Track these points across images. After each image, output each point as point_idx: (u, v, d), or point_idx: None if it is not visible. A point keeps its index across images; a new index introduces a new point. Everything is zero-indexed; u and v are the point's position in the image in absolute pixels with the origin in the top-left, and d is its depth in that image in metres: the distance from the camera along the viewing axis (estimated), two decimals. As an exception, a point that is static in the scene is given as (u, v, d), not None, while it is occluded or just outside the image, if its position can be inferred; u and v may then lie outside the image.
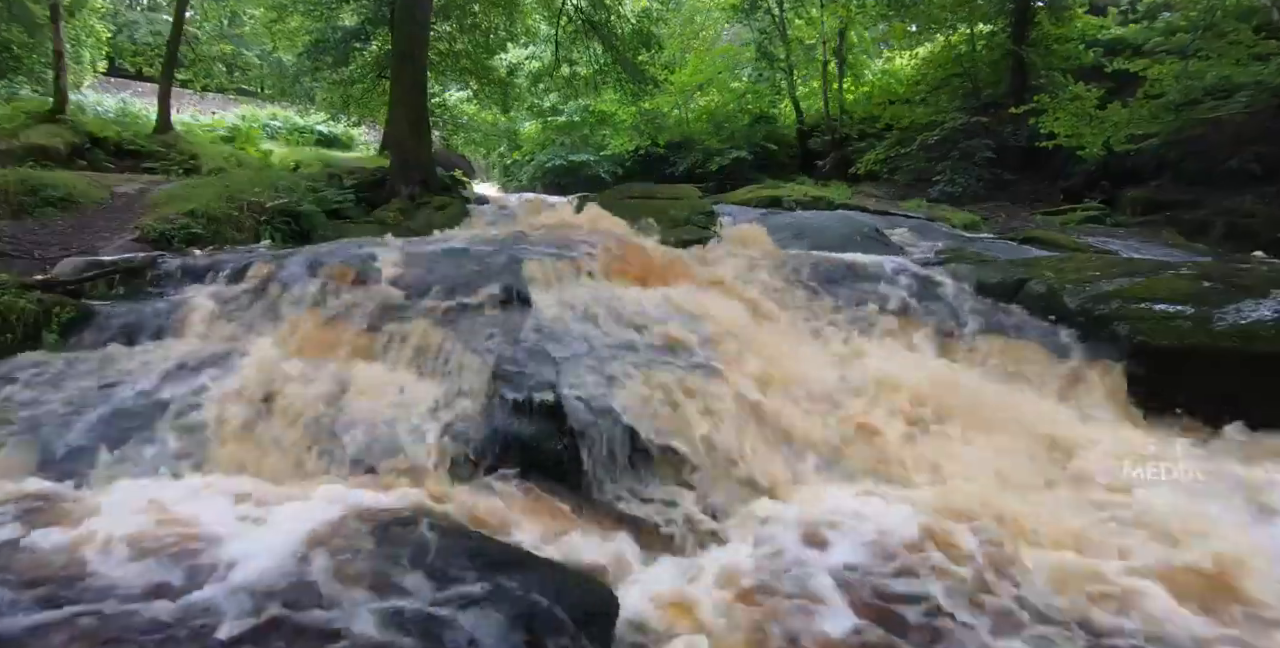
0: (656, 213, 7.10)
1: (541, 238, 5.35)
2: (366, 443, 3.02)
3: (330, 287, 4.34)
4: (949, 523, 2.49)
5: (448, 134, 18.26)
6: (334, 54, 14.54)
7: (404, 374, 3.54)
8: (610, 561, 2.42)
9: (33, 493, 2.47)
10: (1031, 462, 3.19)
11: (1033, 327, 4.35)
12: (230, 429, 3.06)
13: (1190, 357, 3.64)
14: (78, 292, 4.32)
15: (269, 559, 1.96)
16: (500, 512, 2.64)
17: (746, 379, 3.49)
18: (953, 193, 11.89)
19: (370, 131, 19.34)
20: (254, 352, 3.64)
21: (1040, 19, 12.50)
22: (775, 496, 2.89)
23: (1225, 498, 2.79)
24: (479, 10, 14.61)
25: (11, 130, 9.54)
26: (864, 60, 17.71)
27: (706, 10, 18.94)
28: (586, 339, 3.68)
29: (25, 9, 11.61)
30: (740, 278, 5.06)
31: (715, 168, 16.89)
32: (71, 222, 6.43)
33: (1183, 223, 8.69)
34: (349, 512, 2.26)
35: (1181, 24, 9.48)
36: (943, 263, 5.58)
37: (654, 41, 14.69)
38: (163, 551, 2.03)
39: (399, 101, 9.86)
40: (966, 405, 3.54)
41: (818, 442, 3.26)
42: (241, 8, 15.68)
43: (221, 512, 2.36)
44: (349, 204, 8.09)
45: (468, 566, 1.96)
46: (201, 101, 18.23)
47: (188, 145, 11.66)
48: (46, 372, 3.44)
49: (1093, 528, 2.57)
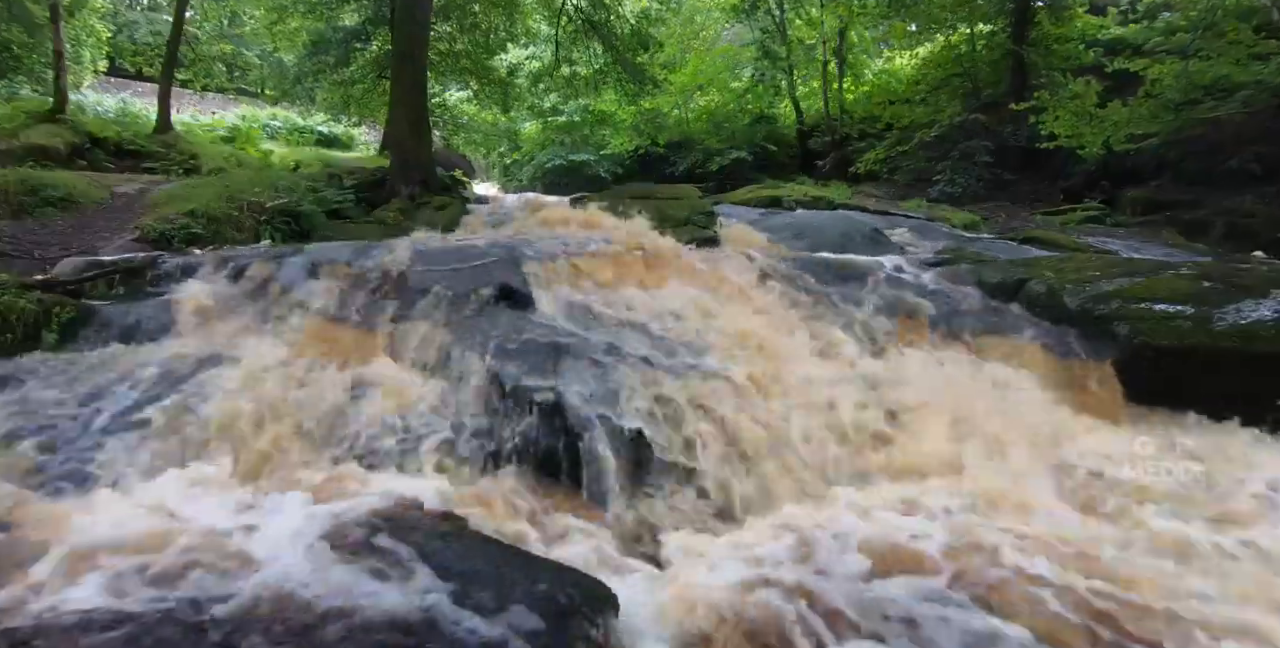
0: (656, 213, 7.10)
1: (541, 238, 5.35)
2: (367, 443, 3.03)
3: (330, 286, 4.35)
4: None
5: (448, 134, 18.25)
6: (334, 54, 14.54)
7: (405, 374, 3.55)
8: (611, 560, 2.42)
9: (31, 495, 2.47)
10: (1033, 462, 3.19)
11: (1033, 327, 4.35)
12: (230, 429, 3.07)
13: (1190, 357, 3.64)
14: (78, 292, 4.32)
15: (270, 559, 1.96)
16: (501, 511, 2.64)
17: (747, 379, 3.49)
18: (953, 193, 11.88)
19: (370, 131, 19.34)
20: (254, 351, 3.65)
21: (1040, 19, 12.49)
22: (778, 497, 2.89)
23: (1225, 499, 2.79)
24: (479, 10, 14.61)
25: (11, 130, 9.54)
26: (864, 60, 17.70)
27: (706, 10, 18.93)
28: (587, 339, 3.68)
29: (25, 9, 11.61)
30: (740, 278, 5.06)
31: (715, 168, 16.89)
32: (71, 222, 6.43)
33: (1183, 223, 8.68)
34: (350, 511, 2.26)
35: (1181, 24, 9.47)
36: (943, 263, 5.58)
37: (652, 42, 14.69)
38: (166, 551, 2.02)
39: (399, 101, 9.86)
40: (966, 406, 3.54)
41: (819, 443, 3.25)
42: (241, 8, 15.68)
43: (221, 512, 2.36)
44: (349, 204, 8.09)
45: (468, 565, 1.96)
46: (201, 101, 18.22)
47: (188, 145, 11.66)
48: (46, 372, 3.44)
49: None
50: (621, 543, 2.58)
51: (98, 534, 2.11)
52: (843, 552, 2.35)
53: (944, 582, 2.16)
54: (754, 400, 3.36)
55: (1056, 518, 2.67)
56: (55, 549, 1.99)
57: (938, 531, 2.46)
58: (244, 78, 16.98)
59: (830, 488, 2.98)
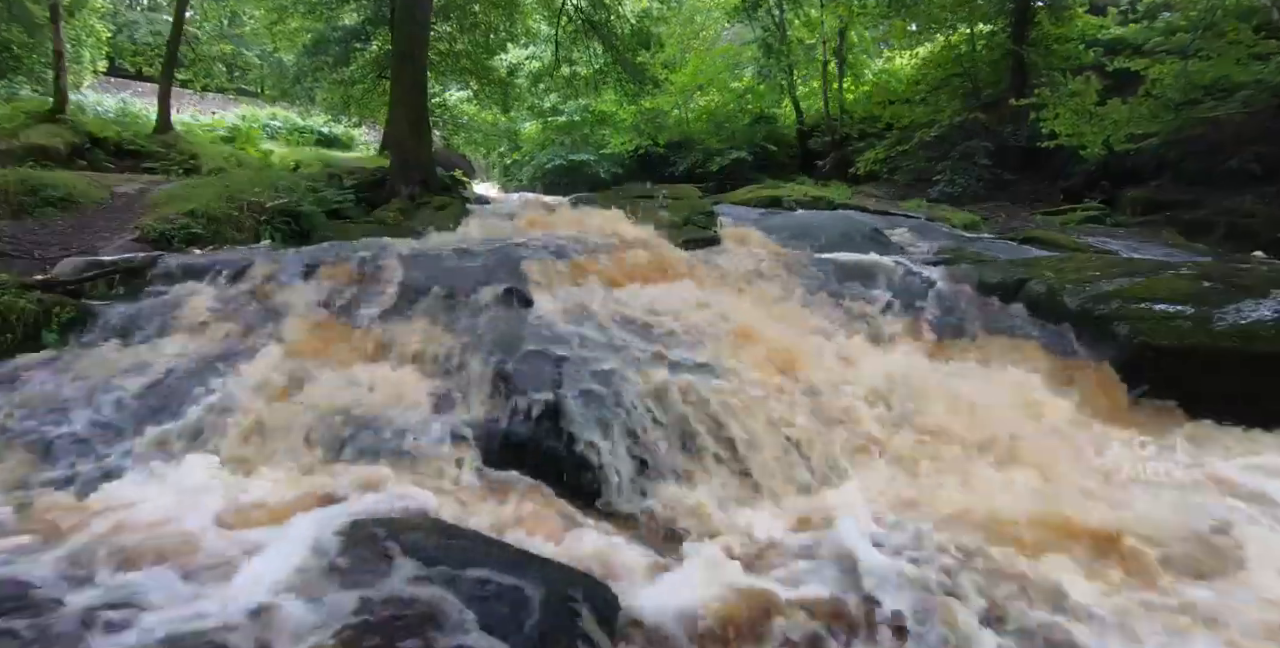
0: (656, 213, 7.10)
1: (541, 238, 5.35)
2: (368, 443, 3.02)
3: (330, 287, 4.35)
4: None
5: (448, 134, 18.25)
6: (334, 54, 14.54)
7: (405, 374, 3.54)
8: (611, 560, 2.42)
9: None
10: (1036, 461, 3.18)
11: (1033, 326, 4.35)
12: (230, 429, 3.06)
13: (1190, 357, 3.64)
14: (78, 292, 4.32)
15: (271, 559, 1.96)
16: (501, 511, 2.64)
17: (748, 380, 3.49)
18: (953, 193, 11.87)
19: (370, 131, 19.34)
20: (253, 351, 3.64)
21: (1040, 19, 12.49)
22: (778, 497, 2.88)
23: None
24: (479, 10, 14.61)
25: (11, 130, 9.53)
26: (864, 60, 17.70)
27: (707, 10, 18.93)
28: (586, 339, 3.68)
29: (25, 9, 11.60)
30: (740, 277, 5.06)
31: (715, 168, 16.88)
32: (71, 222, 6.42)
33: (1183, 223, 8.68)
34: (351, 512, 2.26)
35: (1181, 24, 9.47)
36: (943, 263, 5.58)
37: (654, 41, 14.68)
38: (162, 551, 2.03)
39: (399, 101, 9.85)
40: (966, 407, 3.54)
41: (821, 444, 3.25)
42: (241, 8, 15.68)
43: (221, 512, 2.36)
44: (349, 204, 8.08)
45: (469, 565, 1.96)
46: (201, 101, 18.22)
47: (188, 145, 11.65)
48: (46, 371, 3.44)
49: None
50: (622, 543, 2.57)
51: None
52: (842, 552, 2.36)
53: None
54: (755, 400, 3.35)
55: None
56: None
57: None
58: (244, 78, 16.98)
59: (835, 487, 2.98)
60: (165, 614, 1.72)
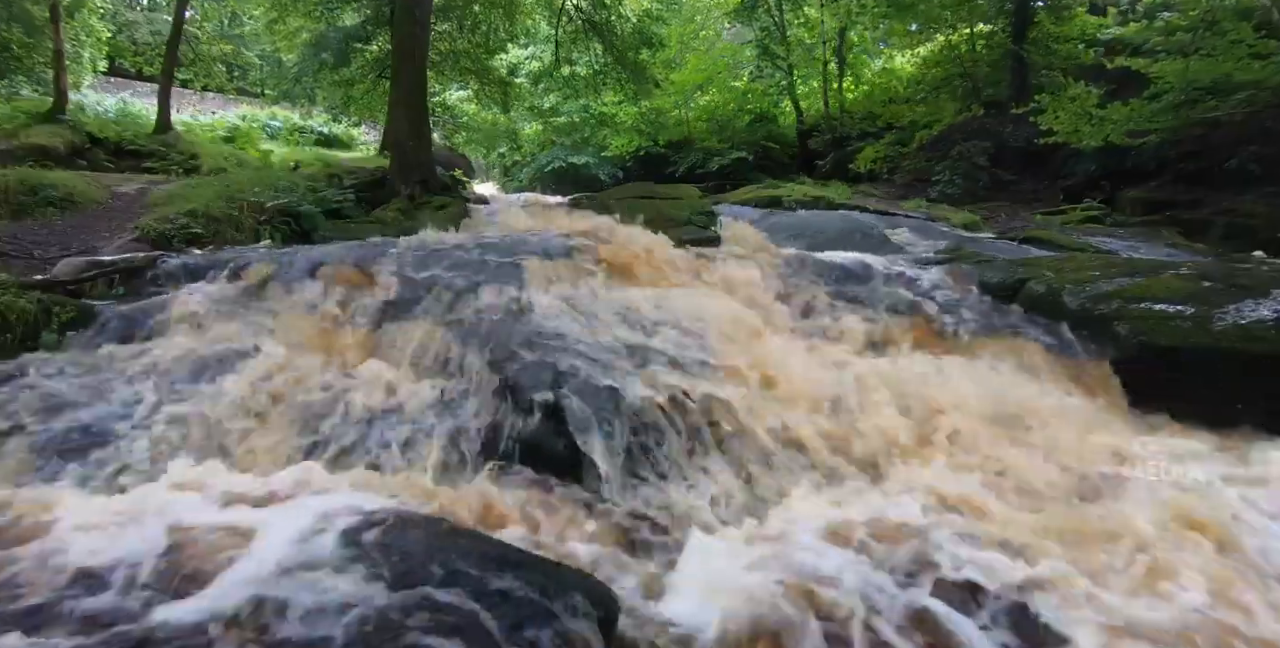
0: (656, 213, 7.10)
1: (541, 238, 5.35)
2: (368, 443, 3.02)
3: (331, 286, 4.35)
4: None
5: (448, 134, 18.27)
6: (334, 54, 14.55)
7: (406, 374, 3.54)
8: (612, 560, 2.41)
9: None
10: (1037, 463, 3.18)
11: (1033, 326, 4.35)
12: (230, 428, 3.06)
13: (1190, 357, 3.64)
14: (78, 292, 4.32)
15: (270, 559, 1.96)
16: (501, 511, 2.64)
17: (748, 380, 3.49)
18: (952, 193, 11.88)
19: (370, 131, 19.37)
20: (254, 351, 3.64)
21: (1040, 18, 12.51)
22: (780, 498, 2.88)
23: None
24: (479, 10, 14.62)
25: (11, 130, 9.55)
26: (864, 60, 17.72)
27: (707, 10, 18.96)
28: (586, 340, 3.68)
29: (25, 9, 11.61)
30: (741, 276, 5.06)
31: (715, 168, 16.91)
32: (71, 222, 6.43)
33: (1183, 223, 8.67)
34: (351, 511, 2.25)
35: (1181, 23, 9.47)
36: (943, 263, 5.57)
37: (655, 40, 14.68)
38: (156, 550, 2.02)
39: (399, 102, 9.86)
40: (965, 407, 3.54)
41: (821, 445, 3.25)
42: (241, 8, 15.70)
43: (220, 512, 2.36)
44: (349, 204, 8.09)
45: (469, 564, 1.95)
46: (201, 101, 18.25)
47: (188, 145, 11.67)
48: (46, 371, 3.44)
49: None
50: (623, 543, 2.57)
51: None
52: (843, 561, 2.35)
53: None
54: (756, 399, 3.35)
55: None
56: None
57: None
58: (244, 78, 17.01)
59: (840, 485, 2.97)
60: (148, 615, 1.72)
